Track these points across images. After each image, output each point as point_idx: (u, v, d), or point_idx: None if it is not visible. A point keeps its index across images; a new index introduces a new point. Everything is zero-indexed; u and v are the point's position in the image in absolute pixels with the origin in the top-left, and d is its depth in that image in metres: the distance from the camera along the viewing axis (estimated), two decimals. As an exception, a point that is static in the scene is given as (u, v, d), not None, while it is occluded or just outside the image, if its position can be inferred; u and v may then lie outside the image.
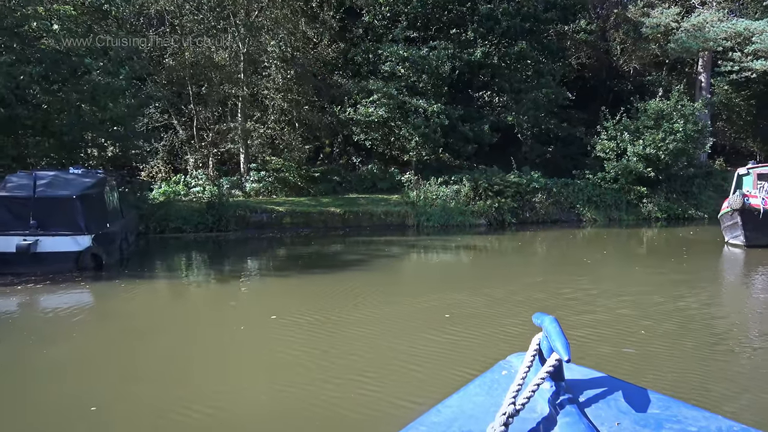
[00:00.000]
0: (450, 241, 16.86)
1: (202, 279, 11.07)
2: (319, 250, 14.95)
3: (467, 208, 20.58)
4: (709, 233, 18.08)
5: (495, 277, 10.72)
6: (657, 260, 12.92)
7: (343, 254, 13.83)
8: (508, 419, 1.16)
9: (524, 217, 21.15)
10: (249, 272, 11.67)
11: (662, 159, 21.22)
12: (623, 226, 21.16)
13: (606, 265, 12.47)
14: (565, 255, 14.26)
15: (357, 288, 9.12)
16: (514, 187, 21.16)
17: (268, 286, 10.16)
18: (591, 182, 22.33)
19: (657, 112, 21.62)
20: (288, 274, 11.01)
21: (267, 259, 13.44)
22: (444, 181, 21.64)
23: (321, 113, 23.06)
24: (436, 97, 22.01)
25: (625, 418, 1.25)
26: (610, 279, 10.49)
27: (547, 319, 1.34)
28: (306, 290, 9.25)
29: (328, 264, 11.98)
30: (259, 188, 22.17)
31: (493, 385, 1.43)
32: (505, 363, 1.53)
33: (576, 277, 10.42)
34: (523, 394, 1.23)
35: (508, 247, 15.85)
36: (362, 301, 8.25)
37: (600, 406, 1.29)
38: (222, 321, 7.52)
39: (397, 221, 20.08)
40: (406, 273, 11.45)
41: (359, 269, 11.09)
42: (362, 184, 23.43)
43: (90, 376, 5.58)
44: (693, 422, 1.23)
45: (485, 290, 8.87)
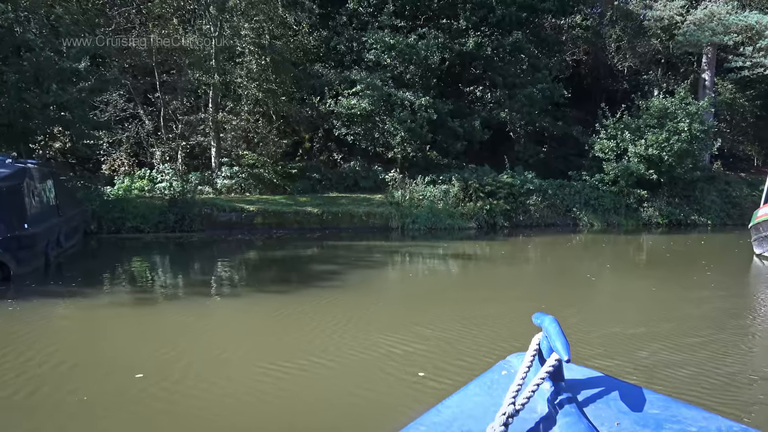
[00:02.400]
0: (437, 246, 15.24)
1: (134, 297, 8.32)
2: (289, 257, 13.24)
3: (456, 210, 19.01)
4: (719, 242, 16.70)
5: (487, 303, 8.30)
6: (676, 277, 10.73)
7: (316, 263, 12.03)
8: (507, 419, 1.14)
9: (517, 221, 19.62)
10: (198, 289, 9.27)
11: (665, 160, 19.80)
12: (622, 231, 19.71)
13: (617, 285, 10.44)
14: (565, 268, 12.60)
15: (323, 317, 7.02)
16: (506, 188, 19.62)
17: (217, 310, 7.81)
18: (588, 184, 20.87)
19: (660, 111, 20.20)
20: (245, 291, 9.11)
21: (228, 268, 11.67)
22: (431, 180, 20.06)
23: (300, 105, 21.33)
24: (424, 89, 20.41)
25: (625, 418, 1.22)
26: (629, 308, 8.16)
27: (546, 319, 1.32)
28: (261, 322, 7.22)
29: (296, 279, 10.06)
30: (231, 185, 20.44)
31: (493, 385, 1.40)
32: (504, 363, 1.50)
33: (585, 306, 8.25)
34: (523, 394, 1.20)
35: (500, 256, 14.23)
36: (328, 338, 6.25)
37: (600, 406, 1.27)
38: (136, 365, 5.06)
39: (380, 223, 18.44)
40: (384, 293, 9.20)
41: (331, 286, 9.03)
42: (343, 183, 21.78)
43: None
44: (693, 422, 1.20)
45: (474, 325, 6.61)
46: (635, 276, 11.74)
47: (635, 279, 11.27)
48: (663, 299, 8.77)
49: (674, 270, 11.96)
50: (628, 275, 11.84)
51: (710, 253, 15.20)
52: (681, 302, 8.49)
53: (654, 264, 13.55)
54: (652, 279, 10.81)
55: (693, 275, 11.07)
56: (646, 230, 20.18)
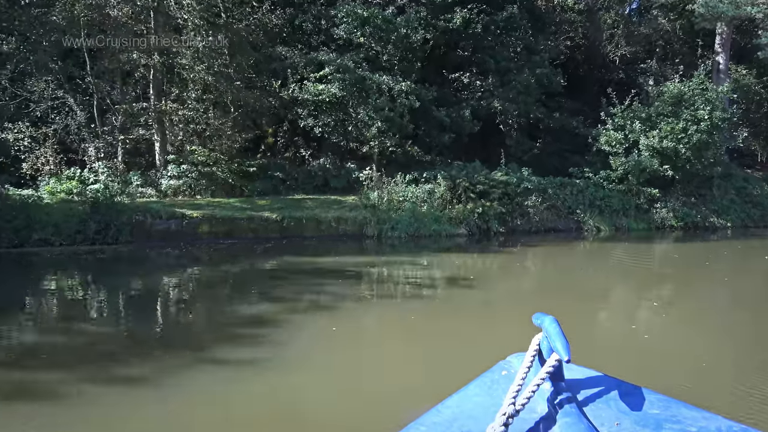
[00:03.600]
0: (418, 262, 12.24)
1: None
2: (227, 281, 10.19)
3: (443, 213, 16.14)
4: (759, 249, 14.07)
5: (482, 362, 6.06)
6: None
7: (262, 293, 8.79)
8: (508, 419, 1.12)
9: (514, 225, 16.82)
10: (88, 339, 6.63)
11: (682, 154, 17.17)
12: (634, 236, 17.04)
13: (712, 318, 7.51)
14: (605, 294, 9.70)
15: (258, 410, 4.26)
16: (501, 187, 16.80)
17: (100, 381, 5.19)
18: (593, 182, 18.17)
19: (676, 97, 17.57)
20: (153, 348, 6.18)
21: (142, 301, 8.62)
22: (413, 178, 17.16)
23: (260, 93, 18.26)
24: (404, 73, 17.53)
25: (625, 418, 1.19)
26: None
27: (547, 319, 1.29)
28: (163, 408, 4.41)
29: (228, 323, 7.08)
30: (178, 186, 17.32)
31: (493, 385, 1.37)
32: (504, 363, 1.46)
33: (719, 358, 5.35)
34: (523, 395, 1.18)
35: (505, 276, 11.36)
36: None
37: (600, 406, 1.24)
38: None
39: (352, 230, 15.48)
40: (323, 378, 6.37)
41: (243, 363, 5.21)
42: (311, 183, 18.78)
43: None
44: (693, 422, 1.17)
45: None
46: (717, 302, 8.93)
47: (723, 308, 8.46)
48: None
49: (753, 298, 9.20)
50: (705, 301, 9.02)
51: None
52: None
53: (721, 280, 10.81)
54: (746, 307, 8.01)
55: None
56: (659, 234, 17.55)
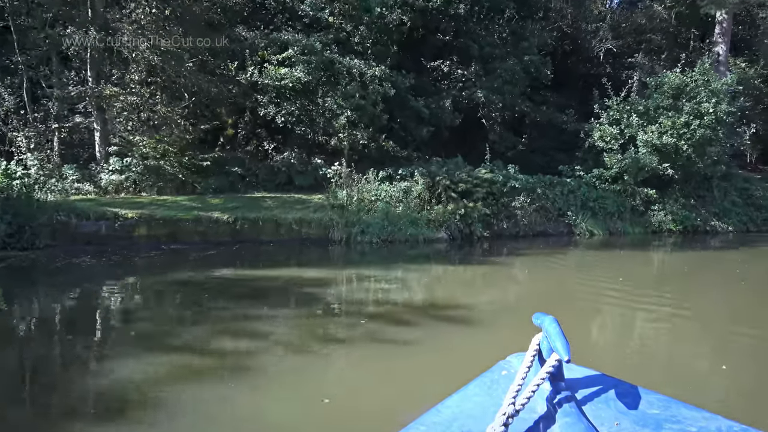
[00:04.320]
0: (391, 273, 10.31)
1: None
2: (147, 304, 8.17)
3: (420, 215, 14.29)
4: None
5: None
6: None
7: (157, 335, 6.65)
8: (507, 419, 1.10)
9: (500, 229, 15.05)
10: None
11: (683, 152, 15.61)
12: (630, 241, 15.43)
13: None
14: (621, 338, 8.03)
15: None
16: (485, 186, 15.01)
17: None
18: (585, 182, 16.51)
19: (677, 89, 15.99)
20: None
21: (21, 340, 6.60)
22: (387, 176, 15.27)
23: (216, 78, 16.17)
24: (378, 58, 15.65)
25: (625, 418, 1.18)
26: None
27: (547, 319, 1.27)
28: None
29: (138, 368, 5.15)
30: (120, 182, 15.19)
31: (493, 385, 1.35)
32: (504, 363, 1.44)
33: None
34: (523, 395, 1.16)
35: (493, 300, 9.56)
36: None
37: (600, 406, 1.22)
38: None
39: (316, 234, 13.53)
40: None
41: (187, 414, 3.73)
42: (274, 180, 16.79)
43: None
44: (693, 422, 1.16)
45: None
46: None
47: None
48: None
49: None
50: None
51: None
52: None
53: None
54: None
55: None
56: (657, 239, 15.97)
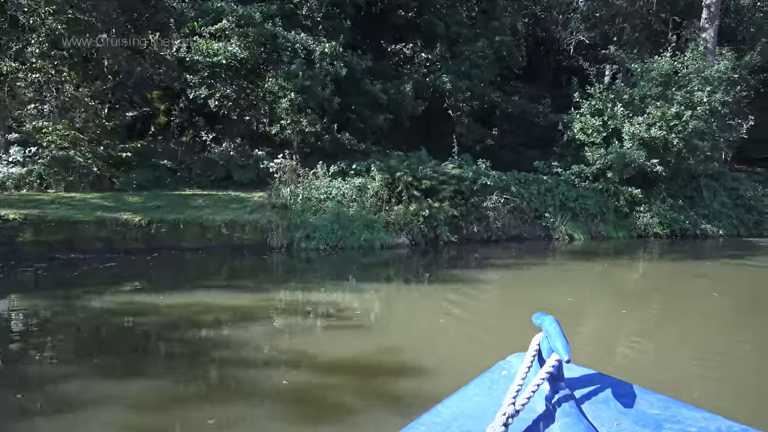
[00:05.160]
0: (341, 297, 8.18)
1: None
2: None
3: (378, 216, 12.19)
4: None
5: None
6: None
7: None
8: (507, 419, 1.08)
9: (469, 232, 13.07)
10: None
11: (673, 146, 13.91)
12: (614, 246, 13.66)
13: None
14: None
15: None
16: (453, 183, 13.01)
17: None
18: (563, 179, 14.68)
19: (666, 76, 14.27)
20: None
21: None
22: (340, 171, 13.13)
23: (138, 54, 13.73)
24: (330, 35, 13.48)
25: (625, 419, 1.16)
26: None
27: (547, 319, 1.26)
28: None
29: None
30: (22, 175, 12.71)
31: (493, 385, 1.34)
32: (504, 363, 1.42)
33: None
34: (523, 395, 1.14)
35: (459, 350, 7.45)
36: None
37: (600, 407, 1.21)
38: None
39: (252, 239, 11.29)
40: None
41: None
42: (210, 175, 14.49)
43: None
44: (693, 422, 1.14)
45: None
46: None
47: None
48: None
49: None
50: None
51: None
52: None
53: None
54: None
55: None
56: (643, 244, 14.25)
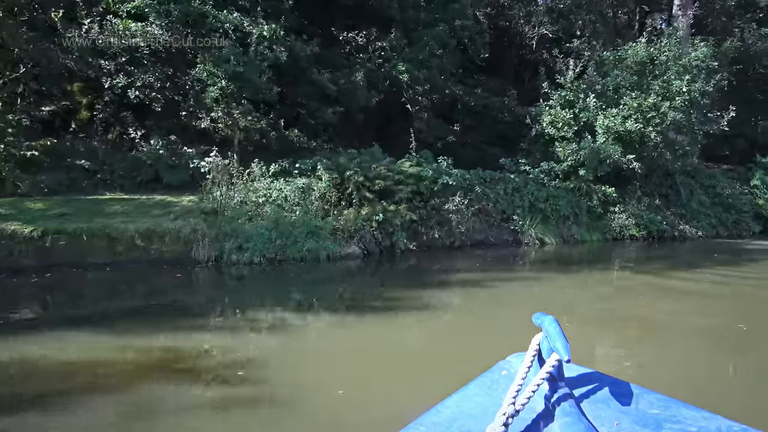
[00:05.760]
0: (257, 334, 6.58)
1: None
2: None
3: (325, 222, 10.58)
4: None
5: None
6: None
7: None
8: (507, 419, 1.10)
9: (430, 239, 11.60)
10: None
11: (650, 140, 12.73)
12: (587, 252, 12.39)
13: None
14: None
15: None
16: (411, 182, 11.52)
17: None
18: (532, 178, 13.36)
19: (642, 64, 13.08)
20: None
21: None
22: (282, 170, 11.49)
23: (43, 36, 11.76)
24: (269, 16, 11.83)
25: (625, 418, 1.18)
26: None
27: (547, 319, 1.28)
28: None
29: None
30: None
31: (493, 385, 1.35)
32: (504, 363, 1.44)
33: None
34: (523, 395, 1.16)
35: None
36: None
37: (600, 406, 1.23)
38: None
39: (173, 252, 9.54)
40: None
41: None
42: (136, 176, 12.64)
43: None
44: (693, 422, 1.16)
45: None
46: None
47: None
48: None
49: None
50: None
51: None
52: None
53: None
54: None
55: None
56: (618, 248, 13.03)
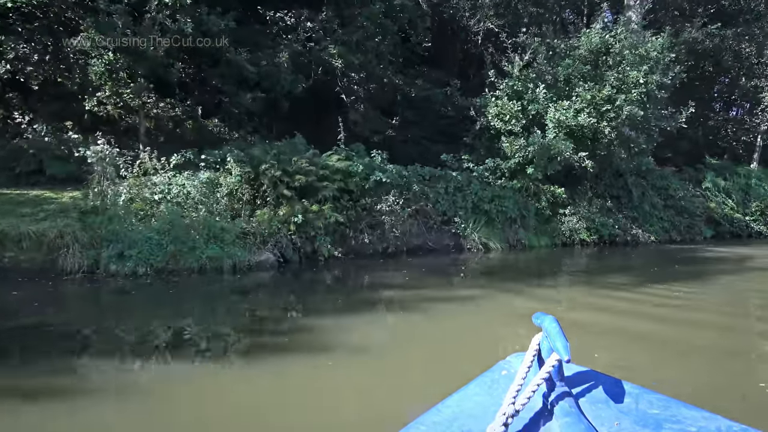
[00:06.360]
0: (93, 404, 4.90)
1: None
2: None
3: (233, 224, 8.92)
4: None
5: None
6: None
7: None
8: (507, 419, 1.08)
9: (359, 244, 10.10)
10: None
11: (603, 136, 11.64)
12: (535, 259, 11.20)
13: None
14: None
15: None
16: (338, 179, 10.00)
17: None
18: (476, 176, 12.08)
19: (596, 53, 11.98)
20: None
21: None
22: (187, 161, 9.75)
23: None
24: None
25: (625, 418, 1.17)
26: None
27: (547, 319, 1.27)
28: None
29: None
30: None
31: (493, 385, 1.34)
32: (504, 363, 1.42)
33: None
34: (523, 394, 1.15)
35: None
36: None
37: (600, 406, 1.22)
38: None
39: (34, 260, 7.69)
40: None
41: None
42: (15, 167, 10.64)
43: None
44: (693, 422, 1.15)
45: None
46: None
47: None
48: None
49: None
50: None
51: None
52: None
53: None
54: None
55: None
56: (568, 254, 11.91)
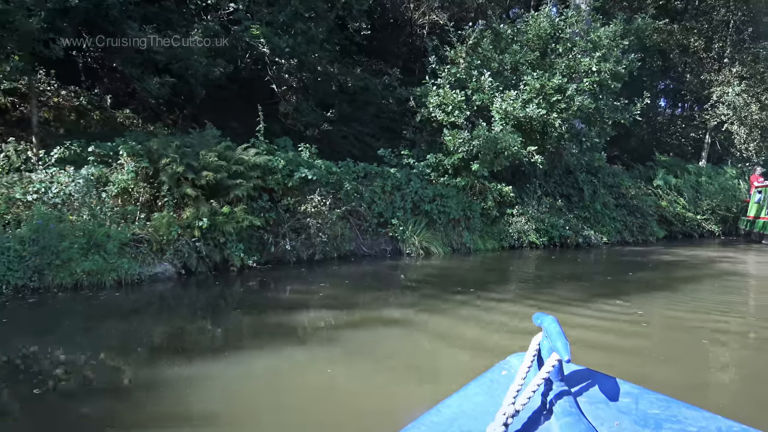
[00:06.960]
0: None
1: None
2: None
3: (124, 229, 7.46)
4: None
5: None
6: None
7: None
8: (507, 419, 1.08)
9: (280, 251, 8.78)
10: None
11: (553, 129, 10.68)
12: (480, 264, 10.15)
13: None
14: None
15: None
16: (255, 176, 8.64)
17: None
18: (417, 173, 10.94)
19: (544, 38, 11.00)
20: None
21: None
22: (72, 154, 8.23)
23: None
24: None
25: (625, 418, 1.17)
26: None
27: (547, 319, 1.28)
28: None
29: None
30: None
31: (493, 385, 1.34)
32: (504, 363, 1.43)
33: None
34: (523, 394, 1.15)
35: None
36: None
37: (600, 406, 1.22)
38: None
39: None
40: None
41: None
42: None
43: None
44: (693, 422, 1.15)
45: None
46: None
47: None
48: None
49: None
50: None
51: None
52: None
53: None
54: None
55: None
56: (516, 257, 10.92)
